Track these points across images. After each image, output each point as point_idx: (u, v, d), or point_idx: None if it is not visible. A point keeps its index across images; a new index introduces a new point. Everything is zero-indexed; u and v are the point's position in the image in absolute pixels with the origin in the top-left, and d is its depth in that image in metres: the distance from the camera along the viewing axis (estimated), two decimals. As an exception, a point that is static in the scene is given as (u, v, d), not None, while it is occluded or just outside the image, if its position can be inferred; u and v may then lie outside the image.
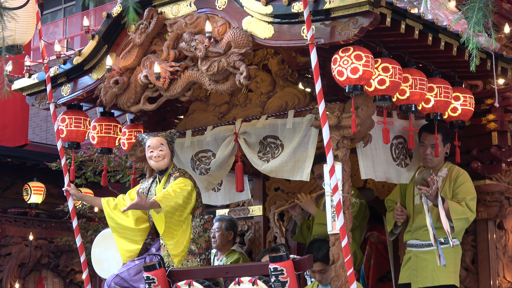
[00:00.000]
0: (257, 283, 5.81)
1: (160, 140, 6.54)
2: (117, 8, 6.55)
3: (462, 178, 6.48)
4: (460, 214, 6.28)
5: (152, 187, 6.67)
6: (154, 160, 6.53)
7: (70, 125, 7.08)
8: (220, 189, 7.70)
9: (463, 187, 6.44)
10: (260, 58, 6.79)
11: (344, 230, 5.48)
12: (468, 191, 6.44)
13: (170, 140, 6.58)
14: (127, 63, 6.54)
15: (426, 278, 6.37)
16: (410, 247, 6.55)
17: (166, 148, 6.53)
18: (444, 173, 6.56)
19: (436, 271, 6.32)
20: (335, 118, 5.93)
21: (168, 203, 6.28)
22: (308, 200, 7.04)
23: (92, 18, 19.06)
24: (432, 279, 6.35)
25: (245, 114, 6.78)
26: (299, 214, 7.32)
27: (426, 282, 6.37)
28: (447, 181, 6.51)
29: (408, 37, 5.78)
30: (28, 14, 6.01)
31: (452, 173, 6.53)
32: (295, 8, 5.64)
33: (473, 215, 6.37)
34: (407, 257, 6.57)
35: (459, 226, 6.31)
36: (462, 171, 6.55)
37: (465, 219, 6.32)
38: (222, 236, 7.89)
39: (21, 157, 13.83)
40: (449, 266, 6.34)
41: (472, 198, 6.41)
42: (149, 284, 6.23)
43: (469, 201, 6.36)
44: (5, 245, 13.36)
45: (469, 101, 6.59)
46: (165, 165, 6.54)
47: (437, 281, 6.34)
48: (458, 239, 6.46)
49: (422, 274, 6.39)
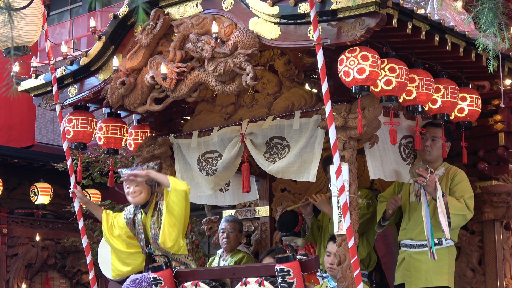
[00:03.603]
0: (264, 284, 5.81)
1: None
2: (124, 9, 6.55)
3: (459, 177, 6.46)
4: (458, 210, 6.24)
5: (137, 218, 6.56)
6: (131, 196, 6.42)
7: (77, 126, 7.09)
8: (228, 189, 7.70)
9: (461, 185, 6.42)
10: (267, 59, 6.79)
11: (350, 231, 5.47)
12: (466, 189, 6.41)
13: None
14: (134, 64, 6.54)
15: (419, 279, 6.33)
16: (404, 247, 6.51)
17: (142, 184, 6.39)
18: (441, 172, 6.53)
19: (429, 272, 6.29)
20: (342, 119, 5.93)
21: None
22: (323, 200, 7.01)
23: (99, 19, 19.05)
24: (425, 280, 6.31)
25: (251, 115, 6.78)
26: (309, 214, 7.31)
27: (420, 283, 6.34)
28: (443, 180, 6.49)
29: (414, 38, 5.77)
30: (34, 15, 6.03)
31: (449, 172, 6.51)
32: (301, 9, 5.64)
33: (471, 213, 6.34)
34: (401, 257, 6.54)
35: (456, 222, 6.26)
36: (459, 170, 6.53)
37: (463, 216, 6.28)
38: (236, 238, 7.89)
39: (28, 158, 13.83)
40: (443, 268, 6.31)
41: (470, 196, 6.38)
42: (156, 284, 6.23)
43: (467, 199, 6.33)
44: (12, 246, 13.36)
45: (476, 101, 6.58)
46: (142, 200, 6.43)
47: (430, 282, 6.30)
48: (453, 240, 6.42)
49: (415, 275, 6.35)
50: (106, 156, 10.83)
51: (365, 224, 6.86)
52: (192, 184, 7.08)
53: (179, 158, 7.19)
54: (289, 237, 7.52)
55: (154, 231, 6.42)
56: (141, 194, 6.41)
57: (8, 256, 13.37)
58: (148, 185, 6.44)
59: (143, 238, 6.56)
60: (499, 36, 5.25)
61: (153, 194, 6.48)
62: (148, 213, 6.49)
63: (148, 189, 6.44)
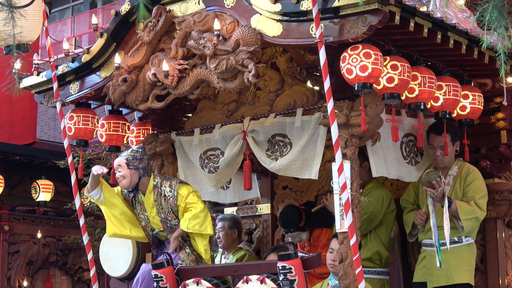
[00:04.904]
0: (266, 282, 5.81)
1: (118, 161, 6.64)
2: (126, 6, 6.55)
3: (472, 176, 6.47)
4: (468, 214, 6.28)
5: (138, 198, 6.73)
6: (118, 180, 6.65)
7: (79, 123, 7.09)
8: (229, 187, 7.70)
9: (473, 185, 6.44)
10: (269, 56, 6.78)
11: (352, 229, 5.47)
12: (478, 189, 6.42)
13: (131, 159, 6.61)
14: (136, 61, 6.54)
15: (441, 277, 6.38)
16: (425, 247, 6.55)
17: (124, 169, 6.59)
18: (454, 171, 6.54)
19: (450, 270, 6.33)
20: (344, 117, 5.92)
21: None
22: (332, 200, 6.98)
23: (100, 16, 19.07)
24: (446, 278, 6.36)
25: (253, 112, 6.78)
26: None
27: (441, 281, 6.38)
28: (457, 179, 6.50)
29: (417, 35, 5.76)
30: (35, 12, 6.03)
31: (463, 171, 6.52)
32: (304, 6, 5.63)
33: (483, 213, 6.37)
34: (422, 256, 6.58)
35: (469, 226, 6.32)
36: (472, 168, 6.53)
37: (475, 218, 6.33)
38: (227, 235, 7.89)
39: (30, 155, 13.84)
40: (463, 265, 6.36)
41: (482, 196, 6.40)
42: (157, 282, 6.23)
43: (478, 200, 6.35)
44: (14, 243, 13.36)
45: (478, 99, 6.57)
46: (126, 186, 6.62)
47: (452, 280, 6.34)
48: (472, 237, 6.46)
49: (437, 273, 6.38)
50: (108, 153, 10.81)
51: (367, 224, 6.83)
52: (194, 181, 7.09)
53: (181, 155, 7.19)
54: (293, 234, 7.49)
55: (163, 215, 6.57)
56: (124, 179, 6.58)
57: (10, 253, 13.38)
58: (134, 169, 6.59)
59: (146, 217, 6.68)
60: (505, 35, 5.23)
61: (146, 176, 6.62)
62: (147, 194, 6.62)
63: (132, 173, 6.59)
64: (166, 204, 6.53)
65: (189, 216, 6.43)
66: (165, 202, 6.53)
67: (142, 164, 6.63)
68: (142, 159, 6.65)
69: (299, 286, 5.68)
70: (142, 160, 6.64)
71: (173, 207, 6.53)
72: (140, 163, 6.62)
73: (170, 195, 6.53)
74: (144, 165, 6.65)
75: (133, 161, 6.60)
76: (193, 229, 6.43)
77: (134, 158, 6.61)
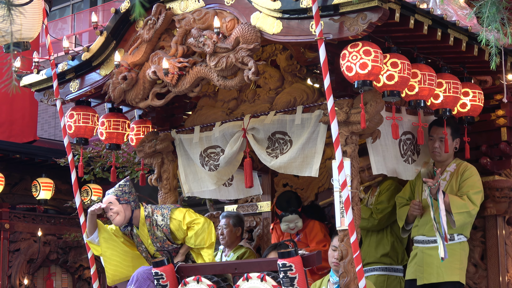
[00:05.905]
0: (266, 279, 5.81)
1: (108, 199, 6.60)
2: (126, 4, 6.55)
3: (468, 173, 6.47)
4: (460, 208, 6.26)
5: (134, 232, 6.71)
6: (111, 219, 6.63)
7: (79, 121, 7.08)
8: (232, 184, 7.69)
9: (469, 181, 6.43)
10: (269, 53, 6.78)
11: (352, 226, 5.48)
12: (474, 185, 6.42)
13: (120, 194, 6.60)
14: (136, 59, 6.54)
15: (431, 274, 6.36)
16: (416, 243, 6.54)
17: (116, 206, 6.57)
18: (452, 168, 6.55)
19: (441, 267, 6.31)
20: (344, 114, 5.92)
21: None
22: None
23: (100, 14, 19.07)
24: (437, 275, 6.34)
25: (253, 110, 6.78)
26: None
27: (431, 278, 6.36)
28: (454, 175, 6.50)
29: (417, 33, 5.76)
30: (35, 10, 6.02)
31: (460, 168, 6.53)
32: (303, 4, 5.63)
33: (476, 208, 6.34)
34: (413, 253, 6.57)
35: (460, 220, 6.27)
36: (469, 166, 6.53)
37: (467, 213, 6.29)
38: (231, 233, 7.88)
39: (30, 153, 13.83)
40: (454, 263, 6.33)
41: (477, 192, 6.39)
42: (158, 279, 6.23)
43: (472, 195, 6.34)
44: (14, 241, 13.35)
45: (478, 96, 6.57)
46: (121, 222, 6.60)
47: (442, 277, 6.32)
48: (465, 235, 6.44)
49: (427, 270, 6.37)
50: (108, 151, 10.83)
51: (387, 218, 6.86)
52: (195, 179, 7.10)
53: (181, 153, 7.19)
54: (291, 217, 7.42)
55: (159, 244, 6.58)
56: (118, 215, 6.57)
57: (10, 251, 13.37)
58: (126, 203, 6.58)
59: (144, 249, 6.70)
60: (500, 29, 5.24)
61: (137, 209, 6.61)
62: (140, 227, 6.61)
63: (125, 208, 6.58)
64: (161, 233, 6.54)
65: (192, 233, 6.48)
66: (159, 232, 6.53)
67: (132, 197, 6.64)
68: (131, 192, 6.66)
69: (300, 283, 5.68)
70: (131, 193, 6.65)
71: (167, 235, 6.54)
72: (130, 196, 6.63)
73: (163, 224, 6.52)
74: (134, 197, 6.66)
75: (123, 196, 6.60)
76: (200, 243, 6.51)
77: (124, 193, 6.62)
